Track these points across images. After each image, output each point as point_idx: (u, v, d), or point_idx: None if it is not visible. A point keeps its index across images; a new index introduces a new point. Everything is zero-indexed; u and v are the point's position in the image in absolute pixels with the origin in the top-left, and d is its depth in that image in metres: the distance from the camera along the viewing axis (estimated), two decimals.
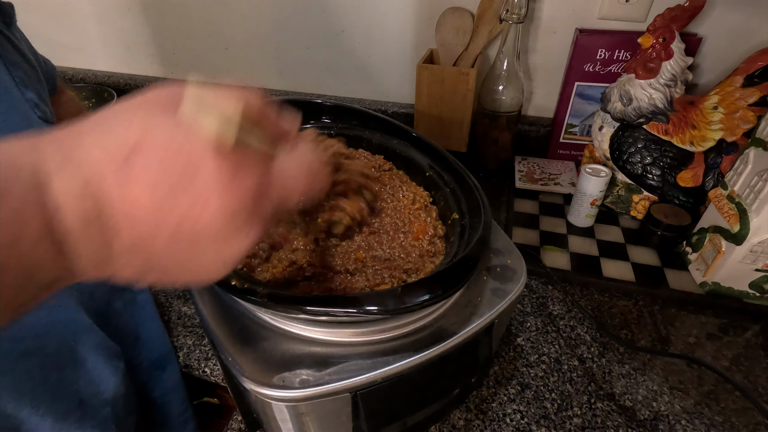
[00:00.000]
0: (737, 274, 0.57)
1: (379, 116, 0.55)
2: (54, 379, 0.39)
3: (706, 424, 0.46)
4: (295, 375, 0.32)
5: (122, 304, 0.51)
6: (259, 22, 0.95)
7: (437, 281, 0.33)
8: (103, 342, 0.44)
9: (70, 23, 1.08)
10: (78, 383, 0.41)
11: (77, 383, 0.41)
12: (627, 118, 0.68)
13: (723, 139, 0.63)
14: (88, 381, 0.42)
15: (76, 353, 0.42)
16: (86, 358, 0.42)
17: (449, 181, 0.48)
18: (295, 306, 0.31)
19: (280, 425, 0.35)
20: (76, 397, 0.41)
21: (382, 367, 0.33)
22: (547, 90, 0.86)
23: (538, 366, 0.52)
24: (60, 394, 0.40)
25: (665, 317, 0.58)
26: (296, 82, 1.03)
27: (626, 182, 0.73)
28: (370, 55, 0.93)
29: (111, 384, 0.44)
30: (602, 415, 0.47)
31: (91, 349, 0.43)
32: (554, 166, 0.85)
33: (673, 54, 0.63)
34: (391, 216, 0.46)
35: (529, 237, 0.70)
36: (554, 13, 0.78)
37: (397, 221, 0.45)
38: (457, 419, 0.47)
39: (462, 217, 0.44)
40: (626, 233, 0.70)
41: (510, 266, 0.42)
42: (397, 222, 0.45)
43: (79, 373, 0.42)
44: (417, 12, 0.85)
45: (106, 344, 0.45)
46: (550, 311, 0.59)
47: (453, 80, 0.78)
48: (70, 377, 0.41)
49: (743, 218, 0.54)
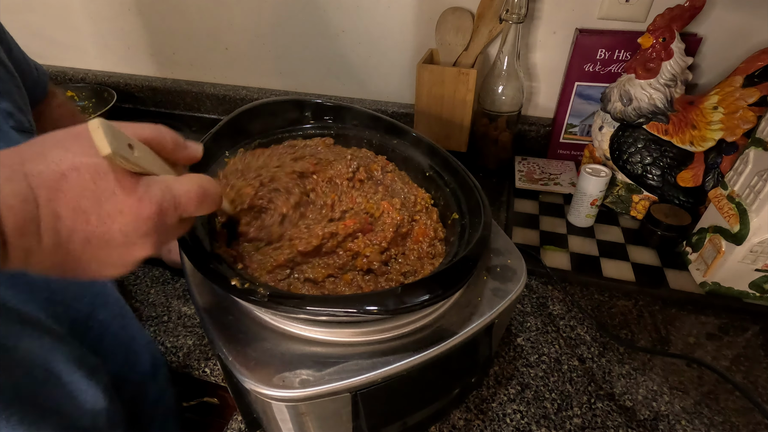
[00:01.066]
0: (737, 274, 0.57)
1: (379, 116, 0.55)
2: (26, 393, 0.37)
3: (706, 424, 0.46)
4: (295, 375, 0.32)
5: (109, 316, 0.49)
6: (259, 22, 0.95)
7: (437, 281, 0.33)
8: (79, 355, 0.42)
9: (71, 23, 1.08)
10: (54, 397, 0.39)
11: (53, 398, 0.39)
12: (627, 118, 0.68)
13: (723, 139, 0.63)
14: (64, 395, 0.40)
15: (49, 368, 0.39)
16: (61, 371, 0.40)
17: (449, 181, 0.48)
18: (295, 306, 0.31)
19: (280, 425, 0.35)
20: (53, 411, 0.39)
21: (382, 367, 0.33)
22: (547, 90, 0.86)
23: (538, 366, 0.52)
24: (34, 408, 0.37)
25: (665, 317, 0.58)
26: (296, 82, 1.03)
27: (626, 182, 0.73)
28: (370, 55, 0.93)
29: (89, 396, 0.42)
30: (602, 415, 0.47)
31: (67, 362, 0.40)
32: (554, 166, 0.85)
33: (673, 54, 0.63)
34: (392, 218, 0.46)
35: (529, 237, 0.70)
36: (554, 13, 0.78)
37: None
38: (457, 419, 0.47)
39: (462, 217, 0.44)
40: (626, 233, 0.70)
41: (510, 266, 0.42)
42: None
43: (55, 387, 0.39)
44: (417, 12, 0.85)
45: (84, 357, 0.42)
46: (550, 311, 0.59)
47: (453, 80, 0.78)
48: (45, 392, 0.39)
49: (743, 218, 0.54)
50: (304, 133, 0.54)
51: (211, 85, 1.08)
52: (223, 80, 1.08)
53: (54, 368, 0.40)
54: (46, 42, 1.12)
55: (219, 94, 1.05)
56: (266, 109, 0.53)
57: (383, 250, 0.42)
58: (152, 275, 0.65)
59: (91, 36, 1.09)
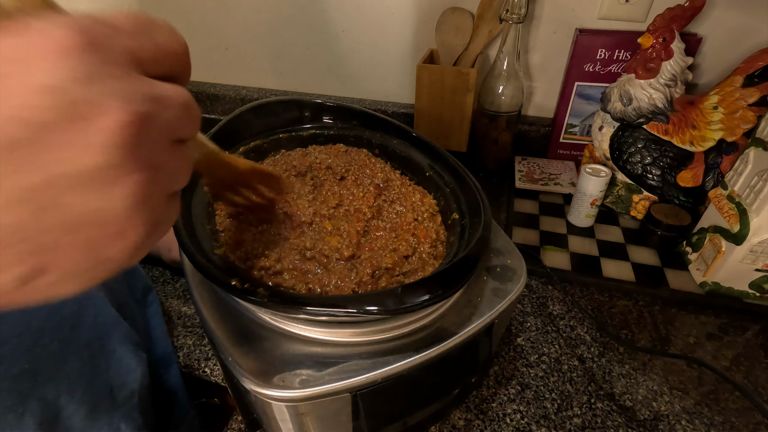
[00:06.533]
0: (737, 274, 0.57)
1: (379, 116, 0.55)
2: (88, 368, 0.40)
3: (706, 424, 0.46)
4: (295, 375, 0.32)
5: (136, 303, 0.53)
6: (259, 22, 0.95)
7: (437, 281, 0.33)
8: (128, 333, 0.45)
9: None
10: (108, 373, 0.42)
11: (108, 372, 0.42)
12: (627, 118, 0.68)
13: (723, 139, 0.63)
14: (117, 371, 0.43)
15: (106, 343, 0.43)
16: (115, 348, 0.43)
17: (449, 181, 0.47)
18: (295, 306, 0.31)
19: (280, 425, 0.35)
20: (107, 386, 0.42)
21: (382, 367, 0.33)
22: (547, 90, 0.86)
23: (538, 366, 0.52)
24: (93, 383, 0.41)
25: (665, 317, 0.58)
26: (296, 82, 1.03)
27: (626, 182, 0.73)
28: (370, 55, 0.93)
29: (137, 374, 0.45)
30: (602, 415, 0.47)
31: (119, 340, 0.44)
32: (554, 166, 0.85)
33: (673, 54, 0.63)
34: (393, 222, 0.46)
35: (529, 237, 0.70)
36: (554, 13, 0.78)
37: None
38: (457, 419, 0.47)
39: (462, 217, 0.44)
40: (626, 233, 0.70)
41: (510, 266, 0.41)
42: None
43: (110, 362, 0.43)
44: (417, 12, 0.85)
45: (131, 336, 0.46)
46: (550, 311, 0.59)
47: (453, 80, 0.77)
48: (102, 366, 0.42)
49: (743, 218, 0.54)
50: (306, 133, 0.54)
51: (211, 85, 1.08)
52: (223, 80, 1.08)
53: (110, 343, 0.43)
54: None
55: (219, 94, 1.05)
56: (266, 109, 0.53)
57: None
58: (152, 275, 0.65)
59: None
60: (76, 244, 0.15)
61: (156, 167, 0.16)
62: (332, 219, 0.44)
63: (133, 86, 0.15)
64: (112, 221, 0.15)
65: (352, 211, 0.45)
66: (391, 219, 0.45)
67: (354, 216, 0.44)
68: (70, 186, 0.14)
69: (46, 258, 0.14)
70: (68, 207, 0.14)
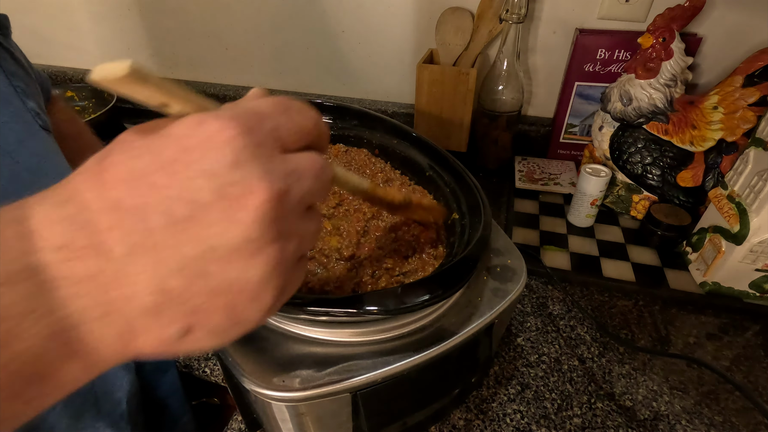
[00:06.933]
0: (737, 274, 0.57)
1: (379, 116, 0.55)
2: None
3: (706, 424, 0.46)
4: (295, 375, 0.32)
5: None
6: (259, 22, 0.95)
7: (437, 281, 0.33)
8: None
9: (71, 23, 1.08)
10: (93, 381, 0.42)
11: (92, 381, 0.42)
12: (627, 118, 0.68)
13: (723, 139, 0.63)
14: (102, 379, 0.43)
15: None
16: None
17: (449, 181, 0.47)
18: (295, 306, 0.31)
19: (280, 425, 0.35)
20: (92, 394, 0.41)
21: (382, 367, 0.33)
22: (547, 90, 0.86)
23: (538, 366, 0.52)
24: (77, 391, 0.40)
25: (665, 317, 0.58)
26: (296, 82, 1.03)
27: (626, 182, 0.73)
28: (371, 55, 0.93)
29: (124, 382, 0.44)
30: (602, 415, 0.47)
31: None
32: (554, 166, 0.85)
33: (673, 54, 0.63)
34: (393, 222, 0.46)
35: (529, 237, 0.70)
36: (554, 13, 0.78)
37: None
38: (457, 419, 0.47)
39: (462, 217, 0.44)
40: (626, 233, 0.70)
41: (510, 266, 0.42)
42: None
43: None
44: (417, 12, 0.85)
45: None
46: (550, 311, 0.59)
47: (453, 80, 0.77)
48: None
49: (743, 218, 0.54)
50: None
51: (211, 85, 1.08)
52: (223, 80, 1.08)
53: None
54: (46, 42, 1.12)
55: (219, 94, 1.05)
56: None
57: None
58: None
59: (91, 36, 1.09)
60: (218, 307, 0.17)
61: (289, 235, 0.18)
62: (332, 219, 0.44)
63: (275, 165, 0.17)
64: (249, 288, 0.17)
65: (352, 211, 0.45)
66: (391, 219, 0.45)
67: (354, 216, 0.44)
68: (219, 257, 0.16)
69: (196, 318, 0.17)
70: (216, 275, 0.16)
